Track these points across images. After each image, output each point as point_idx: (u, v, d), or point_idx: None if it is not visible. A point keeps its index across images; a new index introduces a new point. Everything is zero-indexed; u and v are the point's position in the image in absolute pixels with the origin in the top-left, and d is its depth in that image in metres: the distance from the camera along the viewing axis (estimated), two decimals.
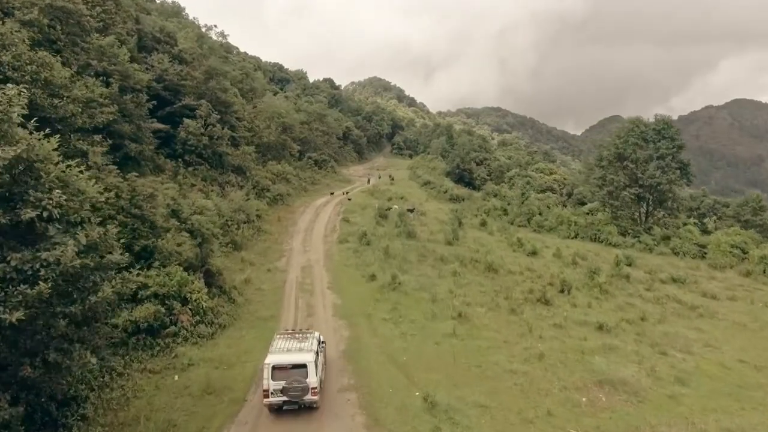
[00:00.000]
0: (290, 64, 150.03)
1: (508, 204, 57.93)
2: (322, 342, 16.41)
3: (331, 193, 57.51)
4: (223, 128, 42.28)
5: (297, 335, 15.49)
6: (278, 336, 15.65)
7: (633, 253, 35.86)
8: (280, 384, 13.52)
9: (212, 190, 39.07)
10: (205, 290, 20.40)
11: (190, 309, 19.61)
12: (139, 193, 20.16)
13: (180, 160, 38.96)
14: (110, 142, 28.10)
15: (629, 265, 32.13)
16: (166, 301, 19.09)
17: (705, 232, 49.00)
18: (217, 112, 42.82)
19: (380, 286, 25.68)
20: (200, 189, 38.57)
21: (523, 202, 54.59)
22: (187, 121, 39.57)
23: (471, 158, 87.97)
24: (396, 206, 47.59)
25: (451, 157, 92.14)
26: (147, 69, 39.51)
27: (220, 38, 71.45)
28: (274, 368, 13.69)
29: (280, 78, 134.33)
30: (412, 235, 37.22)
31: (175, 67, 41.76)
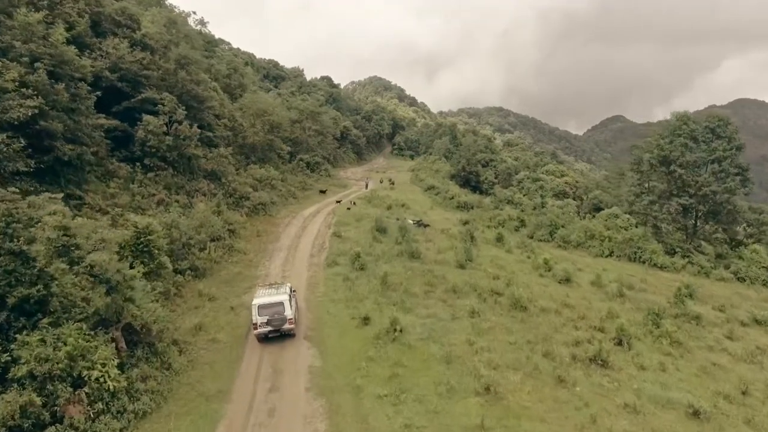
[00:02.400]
0: (291, 64, 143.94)
1: (522, 211, 51.43)
2: (294, 290, 21.00)
3: (338, 201, 48.70)
4: (192, 126, 35.69)
5: (273, 285, 20.77)
6: (259, 287, 21.36)
7: (688, 278, 29.20)
8: (265, 317, 18.02)
9: (176, 201, 32.60)
10: (115, 361, 13.83)
11: (87, 393, 13.14)
12: (17, 219, 13.68)
13: (138, 164, 32.51)
14: (23, 143, 21.73)
15: (690, 296, 25.57)
16: (48, 385, 12.65)
17: (734, 242, 42.40)
18: (185, 108, 36.25)
19: (375, 335, 19.17)
20: (162, 199, 32.17)
21: (540, 211, 47.90)
22: (147, 117, 33.00)
23: (477, 160, 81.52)
24: (411, 219, 41.04)
25: (455, 158, 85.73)
26: (101, 56, 33.13)
27: (200, 26, 64.54)
28: (260, 307, 18.15)
29: (275, 75, 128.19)
30: (415, 255, 30.65)
31: (135, 54, 35.20)
